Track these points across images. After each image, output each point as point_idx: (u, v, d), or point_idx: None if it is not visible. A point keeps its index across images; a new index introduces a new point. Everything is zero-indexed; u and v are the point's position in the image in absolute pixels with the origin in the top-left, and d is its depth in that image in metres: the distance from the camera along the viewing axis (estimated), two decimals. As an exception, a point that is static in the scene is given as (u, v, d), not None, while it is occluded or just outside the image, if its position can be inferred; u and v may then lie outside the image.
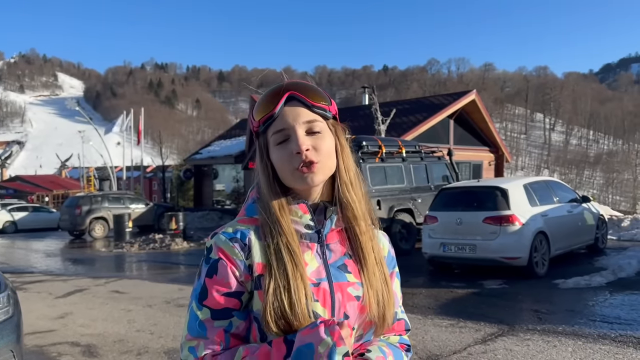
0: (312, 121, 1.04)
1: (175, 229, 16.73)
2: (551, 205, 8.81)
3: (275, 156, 1.05)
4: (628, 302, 6.33)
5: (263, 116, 1.05)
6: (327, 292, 1.03)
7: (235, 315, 1.02)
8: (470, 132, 22.08)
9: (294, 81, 1.08)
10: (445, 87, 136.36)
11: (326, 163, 1.05)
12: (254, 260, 1.02)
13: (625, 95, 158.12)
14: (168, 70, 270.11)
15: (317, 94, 1.07)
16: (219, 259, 1.02)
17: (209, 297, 1.01)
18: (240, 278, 1.02)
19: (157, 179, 53.79)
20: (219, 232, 1.06)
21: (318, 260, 1.06)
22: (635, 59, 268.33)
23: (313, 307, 1.00)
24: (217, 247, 1.03)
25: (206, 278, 1.02)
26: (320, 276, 1.04)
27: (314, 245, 1.06)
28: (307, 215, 1.06)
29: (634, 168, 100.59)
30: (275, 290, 0.99)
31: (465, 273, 8.76)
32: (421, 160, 12.02)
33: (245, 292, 1.02)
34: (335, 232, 1.09)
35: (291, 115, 1.04)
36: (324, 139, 1.05)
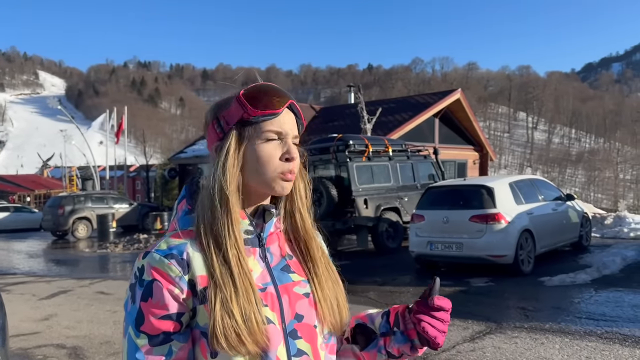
0: (297, 137, 1.06)
1: (161, 228, 16.62)
2: (536, 204, 8.90)
3: (262, 150, 1.01)
4: (613, 299, 6.41)
5: (264, 110, 1.00)
6: (274, 295, 1.02)
7: (174, 339, 0.96)
8: (455, 130, 22.23)
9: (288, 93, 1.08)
10: (430, 86, 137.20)
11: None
12: (195, 274, 0.97)
13: (607, 94, 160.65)
14: (151, 68, 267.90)
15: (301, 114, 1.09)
16: (153, 280, 0.95)
17: (145, 323, 0.95)
18: (181, 296, 0.96)
19: (141, 179, 53.37)
20: (151, 251, 0.98)
21: (261, 265, 1.04)
22: (615, 59, 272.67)
23: (265, 313, 0.99)
24: (150, 267, 0.96)
25: (141, 302, 0.95)
26: (265, 280, 1.02)
27: (256, 249, 1.05)
28: (246, 220, 1.04)
29: (615, 166, 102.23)
30: (224, 302, 0.94)
31: (452, 271, 8.81)
32: (407, 159, 12.07)
33: (186, 312, 0.97)
34: (274, 235, 1.08)
35: (290, 123, 1.04)
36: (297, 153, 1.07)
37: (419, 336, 1.08)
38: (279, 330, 1.00)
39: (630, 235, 11.49)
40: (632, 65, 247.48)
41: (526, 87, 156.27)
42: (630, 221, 12.33)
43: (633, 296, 6.54)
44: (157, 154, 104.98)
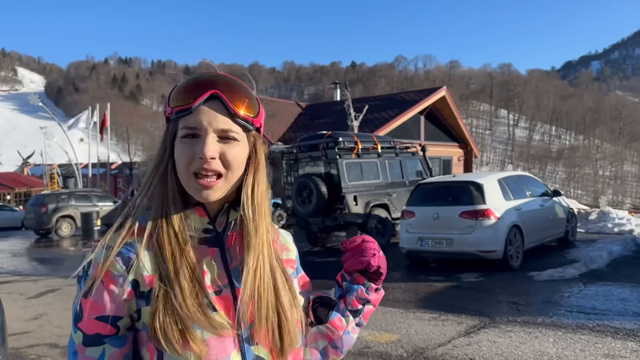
0: (228, 130, 0.94)
1: (146, 226, 16.44)
2: (524, 200, 9.01)
3: (178, 150, 0.94)
4: (602, 293, 6.53)
5: (179, 105, 0.94)
6: (229, 299, 0.95)
7: (107, 343, 0.91)
8: (440, 128, 22.40)
9: (223, 77, 0.97)
10: (413, 84, 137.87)
11: (231, 176, 0.95)
12: (141, 274, 0.91)
13: (586, 91, 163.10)
14: (132, 64, 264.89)
15: (245, 100, 0.96)
16: (96, 277, 0.91)
17: (83, 320, 0.91)
18: (122, 297, 0.90)
19: (123, 176, 52.87)
20: (100, 246, 0.94)
21: (219, 266, 0.97)
22: (595, 57, 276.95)
23: (217, 317, 0.92)
24: (96, 264, 0.91)
25: (82, 298, 0.91)
26: (222, 283, 0.96)
27: (213, 250, 0.97)
28: (205, 218, 0.98)
29: (594, 163, 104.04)
30: (166, 304, 0.89)
31: (442, 267, 8.88)
32: (396, 156, 12.13)
33: (125, 315, 0.92)
34: (235, 235, 0.99)
35: (208, 117, 0.92)
36: (235, 147, 0.95)
37: (365, 276, 1.10)
38: (233, 336, 0.94)
39: (614, 230, 11.70)
40: (611, 64, 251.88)
41: (507, 84, 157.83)
42: (614, 216, 12.56)
43: (621, 290, 6.67)
44: (139, 151, 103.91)
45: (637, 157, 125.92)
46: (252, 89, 1.01)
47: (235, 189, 0.99)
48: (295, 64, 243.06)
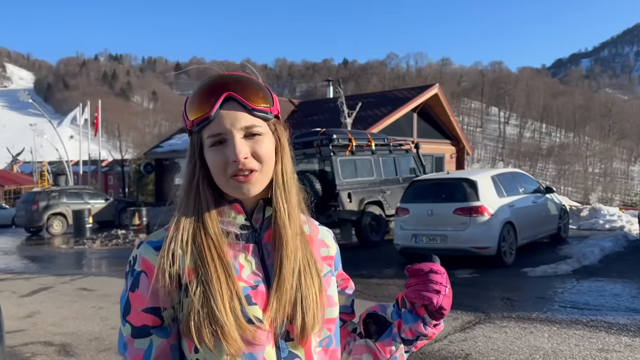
0: (251, 126, 0.96)
1: (139, 224, 16.38)
2: (517, 196, 9.06)
3: (209, 159, 0.97)
4: (595, 289, 6.59)
5: (197, 117, 0.96)
6: (264, 294, 0.97)
7: (154, 334, 0.95)
8: (432, 125, 22.45)
9: (231, 77, 0.98)
10: (404, 82, 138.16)
11: (266, 170, 0.98)
12: (181, 267, 0.95)
13: (576, 89, 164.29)
14: (123, 61, 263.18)
15: (258, 93, 0.98)
16: (142, 271, 0.96)
17: (131, 313, 0.95)
18: (165, 289, 0.94)
19: (113, 174, 52.48)
20: (144, 241, 0.99)
21: (256, 261, 0.99)
22: (584, 55, 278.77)
23: (252, 311, 0.94)
24: (141, 258, 0.96)
25: (129, 292, 0.96)
26: (257, 278, 0.98)
27: (250, 246, 1.00)
28: (242, 215, 1.00)
29: (584, 160, 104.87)
30: (200, 296, 0.92)
31: (436, 263, 8.90)
32: (390, 153, 12.15)
33: (168, 307, 0.95)
34: (272, 231, 1.01)
35: (229, 119, 0.95)
36: (263, 142, 0.97)
37: (426, 310, 1.02)
38: (269, 331, 0.96)
39: (605, 227, 11.80)
40: (600, 62, 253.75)
41: (498, 82, 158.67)
42: (605, 213, 12.67)
43: (614, 285, 6.74)
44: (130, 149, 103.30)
45: (626, 155, 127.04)
46: (258, 79, 1.02)
47: (269, 182, 1.01)
48: (287, 61, 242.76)
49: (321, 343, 1.03)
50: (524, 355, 4.37)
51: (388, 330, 1.07)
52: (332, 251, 1.11)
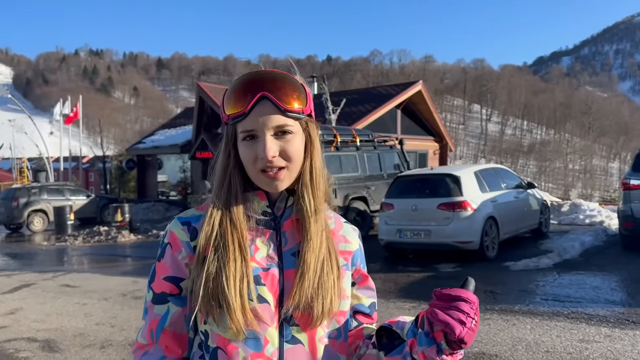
0: (283, 125, 1.00)
1: (121, 221, 16.22)
2: (499, 192, 9.18)
3: (242, 152, 1.03)
4: (575, 282, 6.72)
5: (233, 113, 1.02)
6: (275, 277, 1.02)
7: (171, 301, 1.04)
8: (416, 122, 22.58)
9: (268, 76, 1.02)
10: (388, 78, 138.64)
11: (293, 167, 1.03)
12: (201, 243, 1.02)
13: (557, 87, 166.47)
14: (103, 56, 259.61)
15: (292, 94, 1.01)
16: (168, 243, 1.06)
17: (155, 280, 1.06)
18: (184, 261, 1.04)
19: (94, 170, 51.84)
20: (175, 217, 1.09)
21: (271, 247, 1.04)
22: (565, 52, 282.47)
23: (259, 291, 1.00)
24: (169, 232, 1.07)
25: (157, 262, 1.07)
26: (270, 262, 1.03)
27: (269, 231, 1.06)
28: (265, 202, 1.06)
29: (564, 157, 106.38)
30: (213, 272, 0.99)
31: (420, 258, 9.00)
32: (374, 149, 12.21)
33: (186, 277, 1.04)
34: (292, 221, 1.07)
35: (262, 118, 0.99)
36: (293, 141, 1.02)
37: (445, 337, 0.92)
38: (274, 312, 1.00)
39: (585, 221, 12.01)
40: (581, 60, 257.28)
41: (480, 80, 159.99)
42: (585, 208, 12.88)
43: (593, 278, 6.87)
44: (111, 145, 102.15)
45: (605, 152, 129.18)
46: (294, 74, 1.07)
47: (297, 177, 1.06)
48: (271, 57, 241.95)
49: (330, 335, 1.06)
50: (507, 347, 4.45)
51: (400, 347, 1.03)
52: (351, 247, 1.15)
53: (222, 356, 1.00)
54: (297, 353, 1.01)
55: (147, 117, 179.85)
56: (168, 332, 1.04)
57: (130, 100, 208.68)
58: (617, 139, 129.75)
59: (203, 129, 21.49)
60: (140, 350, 1.06)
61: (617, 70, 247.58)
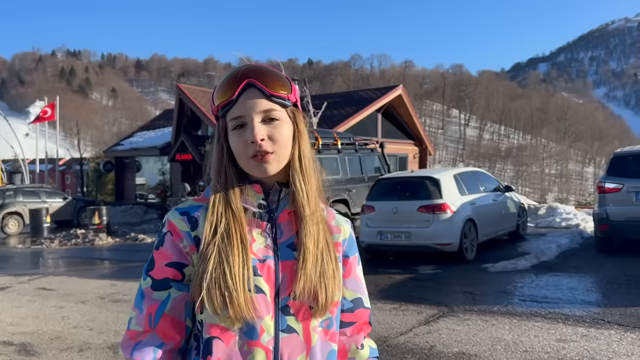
0: (270, 110, 1.05)
1: (99, 223, 15.99)
2: (478, 194, 9.30)
3: (232, 141, 1.07)
4: (552, 283, 6.83)
5: (222, 101, 1.06)
6: (271, 269, 1.05)
7: (173, 286, 1.05)
8: (396, 126, 22.75)
9: (254, 66, 1.08)
10: (368, 82, 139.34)
11: (282, 153, 1.06)
12: (200, 232, 1.05)
13: (534, 92, 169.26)
14: (81, 57, 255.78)
15: (277, 81, 1.06)
16: (167, 231, 1.08)
17: (154, 268, 1.07)
18: (185, 249, 1.06)
19: (71, 172, 50.98)
20: (173, 208, 1.12)
21: (267, 239, 1.07)
22: (542, 59, 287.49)
23: (255, 282, 1.02)
24: (168, 221, 1.09)
25: (155, 250, 1.08)
26: (267, 253, 1.06)
27: (264, 223, 1.08)
28: (260, 195, 1.09)
29: (541, 161, 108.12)
30: (215, 260, 1.01)
31: (400, 259, 9.06)
32: (355, 152, 12.26)
33: (189, 264, 1.06)
34: (287, 213, 1.10)
35: (248, 103, 1.04)
36: (281, 127, 1.05)
37: None
38: (270, 302, 1.03)
39: (562, 224, 12.22)
40: (557, 66, 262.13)
41: (459, 85, 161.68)
42: (562, 211, 13.11)
43: (570, 280, 7.00)
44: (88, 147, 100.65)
45: (580, 157, 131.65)
46: (280, 70, 1.11)
47: (288, 170, 1.09)
48: (252, 60, 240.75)
49: (322, 324, 1.08)
50: (486, 346, 4.51)
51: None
52: (342, 237, 1.17)
53: (218, 345, 1.02)
54: (292, 342, 1.04)
55: (126, 119, 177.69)
56: (168, 317, 1.05)
57: (108, 101, 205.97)
58: (592, 144, 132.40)
59: (183, 131, 21.35)
60: (131, 341, 1.06)
61: (592, 77, 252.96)
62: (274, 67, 1.11)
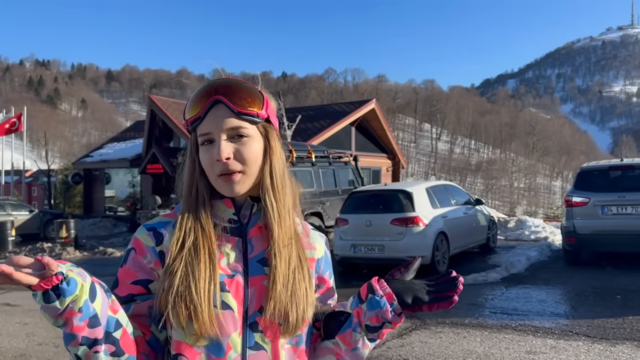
0: (237, 127, 1.02)
1: (66, 237, 15.61)
2: (450, 208, 9.42)
3: (201, 157, 1.05)
4: (522, 295, 6.94)
5: (190, 117, 1.05)
6: (240, 284, 1.02)
7: (137, 300, 1.03)
8: (370, 139, 22.95)
9: (224, 81, 1.05)
10: (342, 96, 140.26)
11: (250, 171, 1.04)
12: (165, 247, 1.04)
13: (503, 108, 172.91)
14: (50, 67, 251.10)
15: (247, 97, 1.04)
16: (132, 248, 1.06)
17: (118, 286, 1.04)
18: (150, 265, 1.03)
19: (38, 184, 49.74)
20: (142, 225, 1.10)
21: (237, 254, 1.05)
22: (511, 75, 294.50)
23: (223, 297, 1.00)
24: (134, 238, 1.07)
25: (119, 268, 1.06)
26: (236, 269, 1.04)
27: (235, 238, 1.06)
28: (231, 209, 1.07)
29: (510, 175, 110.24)
30: (182, 274, 0.99)
31: (373, 273, 8.96)
32: (329, 165, 12.29)
33: (154, 280, 1.03)
34: (258, 227, 1.08)
35: (215, 120, 1.02)
36: (249, 144, 1.03)
37: (399, 298, 1.00)
38: (238, 319, 1.00)
39: (531, 237, 12.45)
40: (525, 82, 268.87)
41: (431, 100, 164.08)
42: (531, 224, 13.37)
43: (539, 292, 7.13)
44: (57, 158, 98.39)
45: (548, 171, 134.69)
46: (255, 84, 1.10)
47: (258, 182, 1.07)
48: (226, 72, 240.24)
49: (291, 341, 1.06)
50: (459, 359, 4.54)
51: (348, 321, 1.06)
52: (316, 254, 1.15)
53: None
54: (260, 359, 1.02)
55: (95, 130, 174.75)
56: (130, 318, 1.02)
57: (77, 112, 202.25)
58: (560, 158, 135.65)
59: (154, 143, 21.11)
60: None
61: (559, 93, 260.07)
62: (247, 81, 1.08)
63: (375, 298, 1.02)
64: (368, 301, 1.03)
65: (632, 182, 8.44)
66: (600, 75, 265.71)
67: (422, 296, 1.01)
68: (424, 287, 1.04)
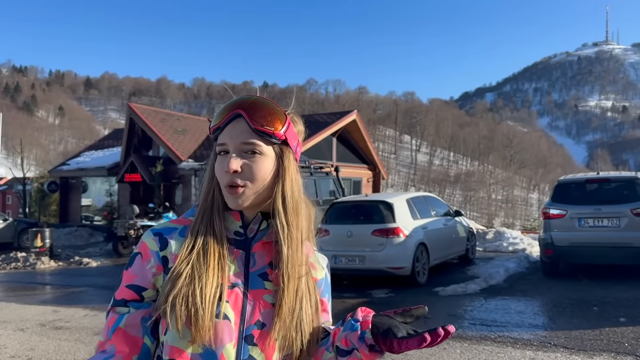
0: (251, 143, 1.04)
1: (41, 246, 15.28)
2: (430, 219, 9.48)
3: (215, 166, 1.09)
4: (501, 307, 6.99)
5: (213, 126, 1.09)
6: (239, 296, 1.03)
7: (130, 306, 1.04)
8: (351, 150, 23.02)
9: (250, 99, 1.07)
10: (324, 107, 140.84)
11: (254, 188, 1.04)
12: (169, 252, 1.05)
13: (481, 120, 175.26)
14: (28, 74, 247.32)
15: (267, 117, 1.05)
16: (138, 252, 1.07)
17: (119, 288, 1.07)
18: (152, 270, 1.05)
19: (12, 192, 48.81)
20: (150, 229, 1.11)
21: (239, 266, 1.07)
22: (489, 89, 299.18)
23: (222, 308, 1.00)
24: (142, 242, 1.08)
25: (124, 270, 1.08)
26: (236, 281, 1.05)
27: (239, 251, 1.08)
28: (238, 222, 1.09)
29: (488, 187, 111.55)
30: (188, 277, 1.00)
31: (354, 283, 9.07)
32: (310, 176, 12.29)
33: (150, 288, 1.04)
34: (263, 243, 1.09)
35: (232, 133, 1.05)
36: (260, 162, 1.04)
37: (374, 329, 0.96)
38: (234, 330, 1.01)
39: (509, 249, 12.58)
40: (503, 96, 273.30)
41: (411, 112, 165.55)
42: (509, 236, 13.51)
43: (517, 303, 7.18)
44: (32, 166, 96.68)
45: (525, 183, 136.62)
46: (284, 106, 1.12)
47: (270, 200, 1.07)
48: (206, 81, 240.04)
49: (285, 358, 1.06)
50: (439, 371, 4.53)
51: (325, 339, 1.08)
52: (318, 274, 1.16)
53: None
54: None
55: (73, 138, 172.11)
56: (121, 330, 1.03)
57: (54, 120, 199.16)
58: (537, 171, 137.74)
59: (133, 151, 20.86)
60: (100, 349, 1.06)
61: (536, 107, 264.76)
62: (275, 102, 1.09)
63: (351, 321, 1.02)
64: (346, 323, 1.03)
65: (608, 195, 8.60)
66: (576, 89, 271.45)
67: (396, 331, 0.95)
68: (405, 327, 0.98)
